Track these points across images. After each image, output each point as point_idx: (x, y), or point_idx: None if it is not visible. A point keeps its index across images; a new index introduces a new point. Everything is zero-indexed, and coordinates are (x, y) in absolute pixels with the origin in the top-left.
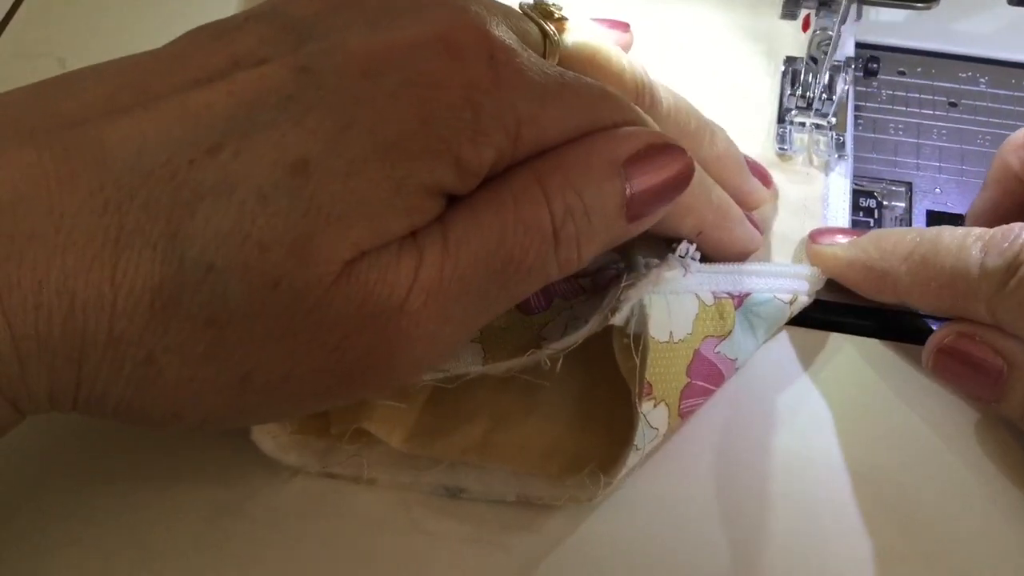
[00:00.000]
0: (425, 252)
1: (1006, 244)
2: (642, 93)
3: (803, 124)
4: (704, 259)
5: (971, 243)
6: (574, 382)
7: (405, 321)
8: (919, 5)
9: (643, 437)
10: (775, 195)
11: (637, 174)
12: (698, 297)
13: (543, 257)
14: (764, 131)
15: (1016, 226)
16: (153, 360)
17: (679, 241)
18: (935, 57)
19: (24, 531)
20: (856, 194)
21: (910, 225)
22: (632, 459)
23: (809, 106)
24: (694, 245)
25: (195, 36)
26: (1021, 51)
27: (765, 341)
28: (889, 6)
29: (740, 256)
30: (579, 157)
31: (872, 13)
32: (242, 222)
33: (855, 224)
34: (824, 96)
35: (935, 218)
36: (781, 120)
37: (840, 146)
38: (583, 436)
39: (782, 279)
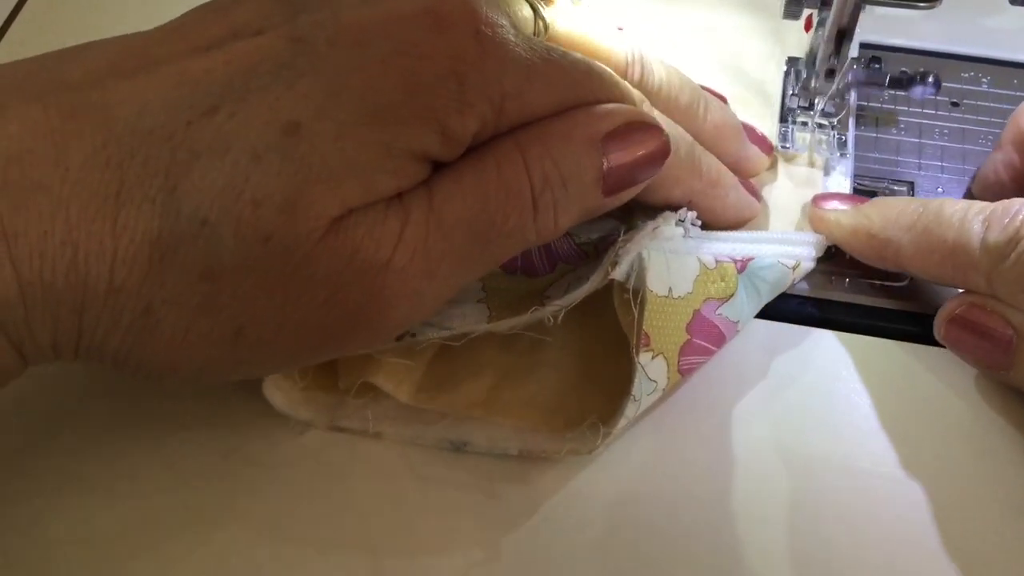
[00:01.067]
0: (411, 212)
1: (1007, 219)
2: (632, 66)
3: (805, 123)
4: (706, 228)
5: (973, 216)
6: (577, 341)
7: (391, 277)
8: (921, 5)
9: (640, 388)
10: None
11: (614, 149)
12: (700, 260)
13: (523, 222)
14: (767, 130)
15: (1017, 201)
16: (151, 311)
17: (680, 209)
18: (937, 57)
19: (37, 469)
20: (858, 193)
21: None
22: (630, 410)
23: (811, 106)
24: (694, 212)
25: (196, 11)
26: (1023, 51)
27: (766, 302)
28: (891, 5)
29: (737, 222)
30: (560, 130)
31: (874, 13)
32: (235, 179)
33: None
34: (825, 99)
35: None
36: (784, 119)
37: (842, 145)
38: (585, 392)
39: (786, 246)
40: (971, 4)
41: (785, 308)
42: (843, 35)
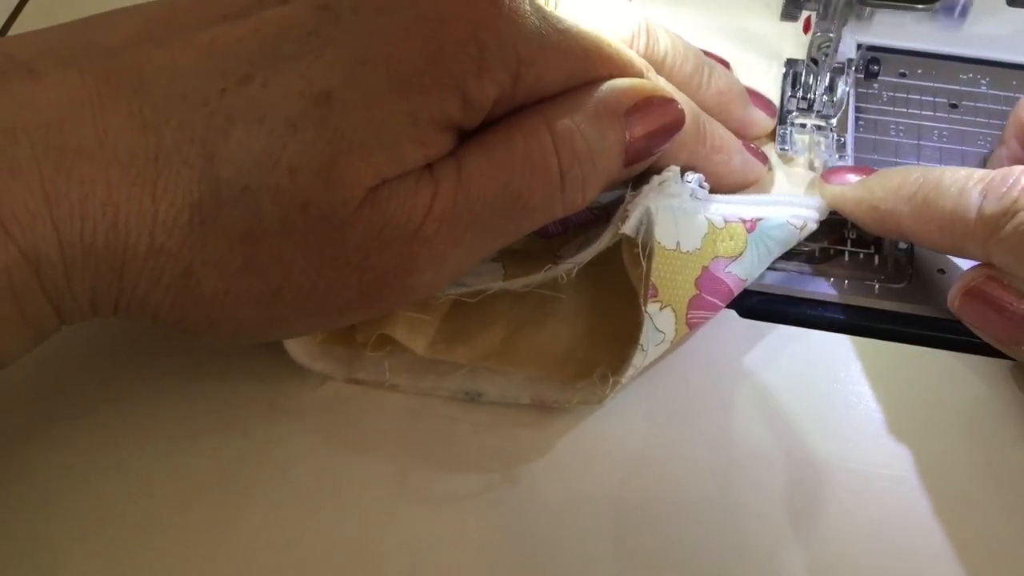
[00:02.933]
0: (440, 184)
1: (1004, 188)
2: (638, 35)
3: (804, 125)
4: (712, 192)
5: (971, 186)
6: (588, 295)
7: (419, 245)
8: (919, 7)
9: (648, 338)
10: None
11: (635, 123)
12: (708, 219)
13: (550, 196)
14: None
15: (1016, 169)
16: (191, 272)
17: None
18: (936, 59)
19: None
20: None
21: None
22: (638, 359)
23: (810, 108)
24: (702, 175)
25: None
26: (1021, 53)
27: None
28: (889, 7)
29: (742, 185)
30: (586, 105)
31: (873, 15)
32: (272, 147)
33: (854, 225)
34: (825, 98)
35: None
36: (782, 121)
37: (841, 147)
38: (594, 343)
39: (794, 208)
40: (970, 6)
41: (785, 309)
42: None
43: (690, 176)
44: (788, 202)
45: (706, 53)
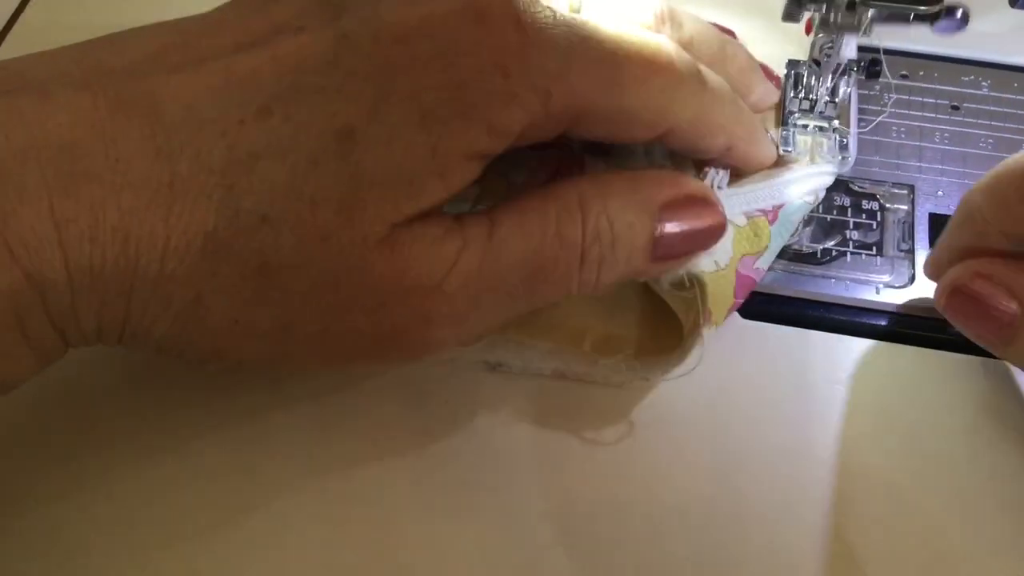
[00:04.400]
0: (469, 241)
1: None
2: (663, 20)
3: (806, 126)
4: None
5: None
6: None
7: (439, 300)
8: (921, 9)
9: (696, 355)
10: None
11: (670, 219)
12: (731, 222)
13: (569, 271)
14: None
15: None
16: (201, 300)
17: (706, 172)
18: (937, 60)
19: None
20: (858, 196)
21: (912, 228)
22: (674, 372)
23: (812, 109)
24: (721, 173)
25: (234, 5)
26: (1023, 54)
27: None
28: (890, 8)
29: (766, 164)
30: (622, 189)
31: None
32: (295, 180)
33: (856, 226)
34: (827, 99)
35: (938, 221)
36: (784, 123)
37: (843, 148)
38: (613, 320)
39: (810, 180)
40: (971, 7)
41: (787, 310)
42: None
43: (711, 177)
44: (805, 175)
45: (715, 26)
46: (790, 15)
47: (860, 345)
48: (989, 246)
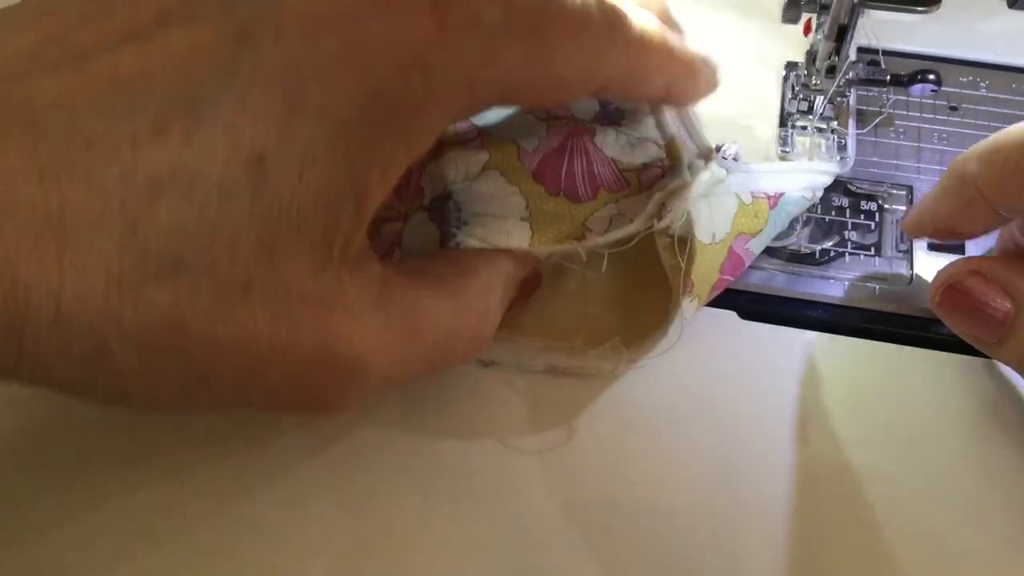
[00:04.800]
0: (392, 311)
1: None
2: None
3: (805, 128)
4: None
5: None
6: (602, 267)
7: (362, 370)
8: (919, 9)
9: (674, 326)
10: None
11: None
12: (738, 196)
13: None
14: (767, 134)
15: None
16: (106, 348)
17: (722, 145)
18: (936, 61)
19: None
20: (857, 197)
21: None
22: (660, 346)
23: (810, 110)
24: (736, 145)
25: None
26: (1021, 56)
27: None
28: (890, 9)
29: (708, 93)
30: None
31: (872, 17)
32: (207, 219)
33: (854, 227)
34: (825, 100)
35: None
36: (783, 124)
37: (841, 149)
38: (604, 316)
39: (812, 175)
40: (970, 9)
41: (786, 311)
42: (843, 31)
43: (728, 150)
44: (809, 168)
45: None
46: (789, 17)
47: (859, 346)
48: (974, 214)
